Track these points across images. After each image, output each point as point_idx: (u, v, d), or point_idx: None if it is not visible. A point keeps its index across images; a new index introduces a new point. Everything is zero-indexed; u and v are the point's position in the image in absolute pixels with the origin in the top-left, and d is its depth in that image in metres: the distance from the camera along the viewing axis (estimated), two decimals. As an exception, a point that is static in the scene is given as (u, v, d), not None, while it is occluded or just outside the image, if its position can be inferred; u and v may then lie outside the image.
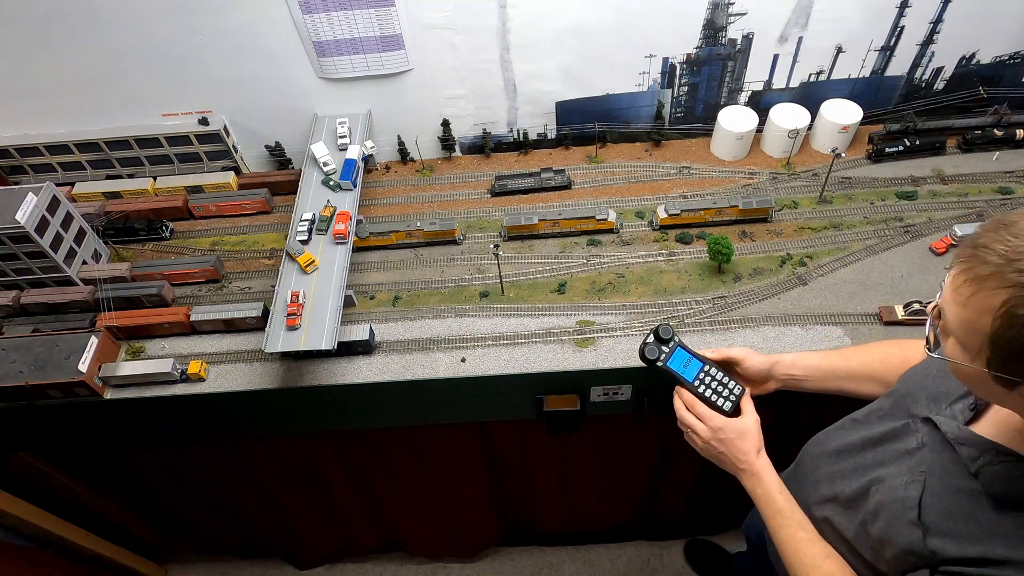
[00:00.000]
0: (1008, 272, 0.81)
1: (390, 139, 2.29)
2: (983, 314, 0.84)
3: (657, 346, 1.36)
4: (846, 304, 1.85)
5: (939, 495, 1.04)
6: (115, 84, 2.07)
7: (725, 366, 1.42)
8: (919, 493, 1.05)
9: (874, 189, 2.13)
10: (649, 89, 2.19)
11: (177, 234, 2.22)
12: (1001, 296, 0.82)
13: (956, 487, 1.02)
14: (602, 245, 2.05)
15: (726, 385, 1.36)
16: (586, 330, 1.85)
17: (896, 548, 1.07)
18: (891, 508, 1.09)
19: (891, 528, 1.08)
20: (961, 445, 1.04)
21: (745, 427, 1.32)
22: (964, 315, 0.88)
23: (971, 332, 0.87)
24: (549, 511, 2.71)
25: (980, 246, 0.86)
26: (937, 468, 1.06)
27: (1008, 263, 0.82)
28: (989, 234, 0.86)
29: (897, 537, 1.06)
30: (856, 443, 1.26)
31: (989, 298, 0.83)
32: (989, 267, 0.83)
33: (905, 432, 1.17)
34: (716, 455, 1.34)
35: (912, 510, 1.05)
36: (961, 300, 0.88)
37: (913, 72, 2.18)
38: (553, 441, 2.17)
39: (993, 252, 0.83)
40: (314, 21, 1.93)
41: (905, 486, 1.08)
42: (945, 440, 1.07)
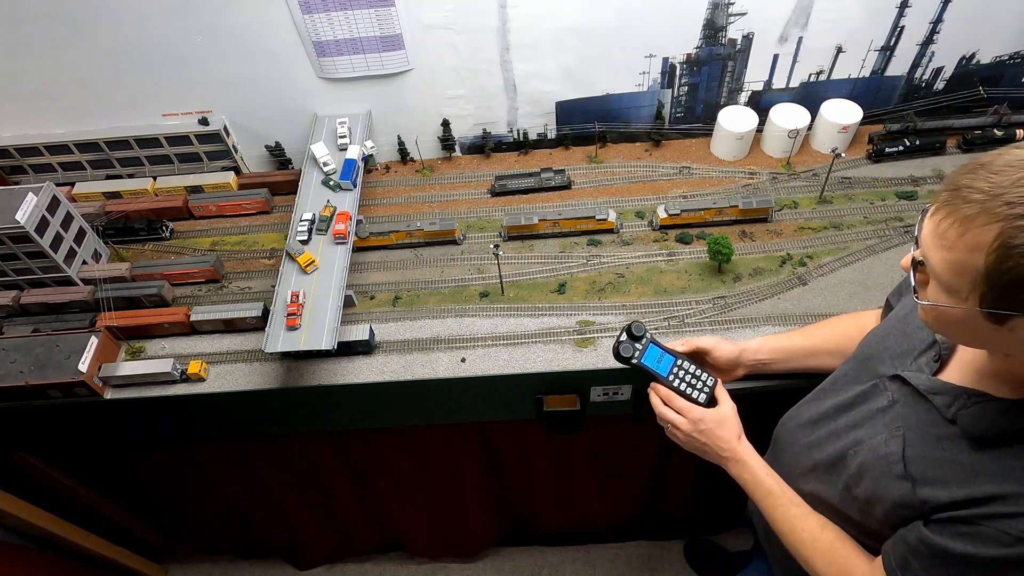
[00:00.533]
0: (996, 207, 0.82)
1: (390, 139, 2.29)
2: (973, 252, 0.84)
3: (631, 344, 1.38)
4: (846, 304, 1.85)
5: (920, 446, 1.06)
6: (115, 84, 2.07)
7: (696, 357, 1.45)
8: (901, 448, 1.08)
9: (874, 189, 2.13)
10: (649, 89, 2.19)
11: (177, 234, 2.22)
12: (992, 231, 0.82)
13: (935, 435, 1.05)
14: (602, 245, 2.05)
15: (699, 377, 1.39)
16: (586, 330, 1.85)
17: (886, 504, 1.09)
18: (875, 467, 1.11)
19: (878, 486, 1.10)
20: (934, 395, 1.06)
21: (724, 415, 1.34)
22: (952, 257, 0.88)
23: (960, 273, 0.87)
24: (549, 511, 2.71)
25: (961, 187, 0.86)
26: (913, 421, 1.09)
27: (994, 198, 0.82)
28: (968, 175, 0.86)
29: (886, 493, 1.08)
30: (828, 410, 1.28)
31: (979, 235, 0.83)
32: (975, 206, 0.83)
33: (874, 392, 1.19)
34: (699, 447, 1.36)
35: (897, 464, 1.07)
36: (948, 243, 0.88)
37: (913, 72, 2.18)
38: (553, 441, 2.17)
39: (976, 190, 0.84)
40: (314, 21, 1.93)
41: (885, 443, 1.11)
42: (917, 393, 1.09)
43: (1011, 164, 0.83)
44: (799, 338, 1.51)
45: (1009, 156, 0.84)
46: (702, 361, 1.48)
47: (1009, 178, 0.82)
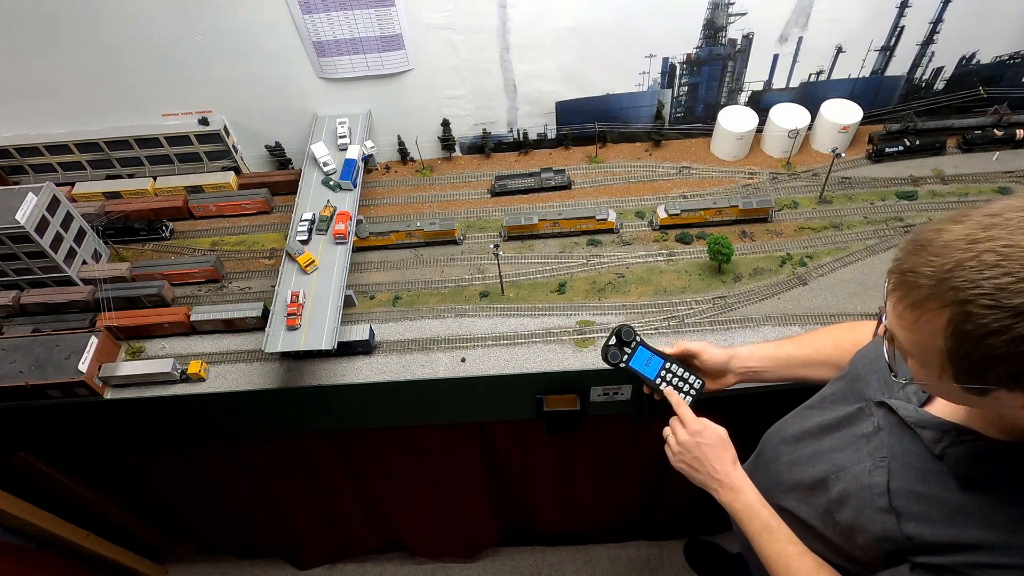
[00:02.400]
0: (943, 291, 0.80)
1: (390, 139, 2.29)
2: (933, 335, 0.84)
3: (619, 348, 1.39)
4: (846, 304, 1.85)
5: (906, 479, 1.04)
6: (115, 84, 2.07)
7: (686, 361, 1.45)
8: (885, 479, 1.05)
9: (874, 189, 2.13)
10: (649, 89, 2.19)
11: (177, 234, 2.22)
12: (944, 315, 0.81)
13: (922, 469, 1.02)
14: (602, 245, 2.05)
15: (686, 380, 1.40)
16: (586, 330, 1.85)
17: (869, 535, 1.07)
18: (858, 496, 1.09)
19: (861, 516, 1.08)
20: (921, 428, 1.04)
21: (723, 434, 1.32)
22: (915, 338, 0.88)
23: (928, 352, 0.87)
24: (549, 511, 2.71)
25: (907, 271, 0.86)
26: (899, 452, 1.06)
27: (939, 283, 0.81)
28: (911, 258, 0.85)
29: (869, 524, 1.06)
30: (813, 429, 1.27)
31: (933, 319, 0.83)
32: (923, 290, 0.83)
33: (860, 416, 1.17)
34: (691, 461, 1.34)
35: (882, 497, 1.05)
36: (908, 326, 0.88)
37: (913, 72, 2.18)
38: (553, 441, 2.17)
39: (921, 275, 0.83)
40: (314, 21, 1.93)
41: (869, 472, 1.08)
42: (903, 423, 1.07)
43: (950, 244, 0.81)
44: (791, 347, 1.47)
45: (948, 235, 0.83)
46: (691, 365, 1.46)
47: (950, 260, 0.80)
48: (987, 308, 0.77)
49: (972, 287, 0.78)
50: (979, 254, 0.78)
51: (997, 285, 0.76)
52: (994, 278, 0.76)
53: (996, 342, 0.77)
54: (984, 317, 0.77)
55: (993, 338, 0.77)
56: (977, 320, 0.78)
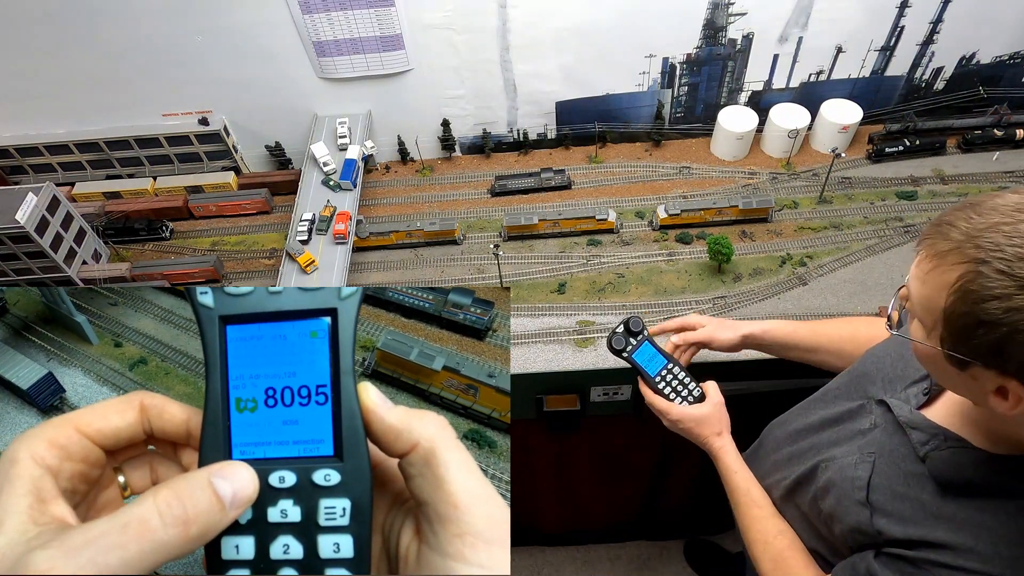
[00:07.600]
0: (967, 247, 0.81)
1: (390, 139, 2.29)
2: (939, 290, 0.84)
3: (625, 337, 1.38)
4: (846, 304, 1.85)
5: (887, 476, 1.05)
6: (115, 84, 2.07)
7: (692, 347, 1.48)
8: (868, 474, 1.07)
9: (874, 189, 2.13)
10: (649, 89, 2.19)
11: (177, 234, 2.22)
12: (957, 271, 0.82)
13: (904, 470, 1.04)
14: (602, 245, 2.05)
15: (686, 386, 1.39)
16: (586, 330, 1.85)
17: (843, 525, 1.09)
18: (841, 486, 1.11)
19: (840, 505, 1.10)
20: (912, 429, 1.05)
21: (702, 415, 1.35)
22: (923, 291, 0.88)
23: (928, 309, 0.87)
24: (549, 511, 2.71)
25: (944, 223, 0.86)
26: (887, 450, 1.08)
27: (968, 239, 0.81)
28: (956, 212, 0.86)
29: (845, 515, 1.08)
30: (815, 423, 1.28)
31: (946, 273, 0.83)
32: (950, 243, 0.83)
33: (860, 412, 1.18)
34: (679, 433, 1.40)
35: (861, 490, 1.06)
36: (921, 276, 0.88)
37: (913, 72, 2.18)
38: (553, 441, 2.17)
39: (956, 229, 0.83)
40: (314, 21, 1.93)
41: (855, 465, 1.10)
42: (897, 423, 1.08)
43: (997, 208, 0.82)
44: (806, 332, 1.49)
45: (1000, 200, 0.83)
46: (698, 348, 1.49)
47: (989, 221, 0.81)
48: (999, 273, 0.78)
49: (994, 249, 0.79)
50: (1018, 223, 0.79)
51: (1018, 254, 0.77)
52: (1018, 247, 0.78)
53: (993, 307, 0.78)
54: (992, 280, 0.78)
55: (993, 303, 0.78)
56: (984, 282, 0.79)
